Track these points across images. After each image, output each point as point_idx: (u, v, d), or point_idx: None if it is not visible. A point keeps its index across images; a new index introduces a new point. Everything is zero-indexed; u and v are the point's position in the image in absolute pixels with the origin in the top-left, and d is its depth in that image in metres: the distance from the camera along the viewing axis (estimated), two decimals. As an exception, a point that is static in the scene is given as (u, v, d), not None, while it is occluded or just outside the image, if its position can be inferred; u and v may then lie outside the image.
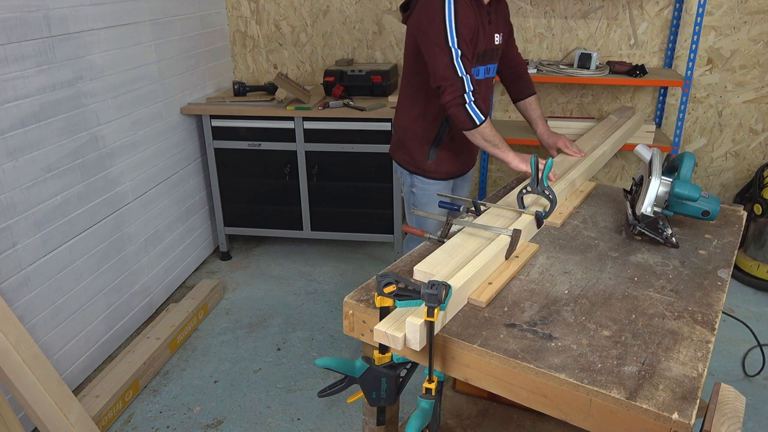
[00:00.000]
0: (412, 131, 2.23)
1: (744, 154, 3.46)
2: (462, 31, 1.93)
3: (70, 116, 2.35)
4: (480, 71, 2.13)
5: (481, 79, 2.13)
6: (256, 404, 2.41)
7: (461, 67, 1.93)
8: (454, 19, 1.92)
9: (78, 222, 2.43)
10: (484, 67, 2.15)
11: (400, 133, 2.29)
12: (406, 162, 2.30)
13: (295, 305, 3.11)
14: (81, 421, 1.99)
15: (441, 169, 2.27)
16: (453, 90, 1.94)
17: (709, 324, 1.28)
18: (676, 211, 1.69)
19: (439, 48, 1.93)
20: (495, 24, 2.13)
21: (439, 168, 2.26)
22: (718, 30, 3.22)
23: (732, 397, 1.27)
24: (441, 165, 2.26)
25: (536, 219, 1.67)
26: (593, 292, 1.40)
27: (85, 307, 2.49)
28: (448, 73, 1.93)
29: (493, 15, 2.11)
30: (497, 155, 2.06)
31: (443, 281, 1.14)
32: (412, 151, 2.26)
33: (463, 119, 1.98)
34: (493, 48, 2.15)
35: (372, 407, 1.43)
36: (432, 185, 2.28)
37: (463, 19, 1.93)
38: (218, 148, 3.31)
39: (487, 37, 2.09)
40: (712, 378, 2.52)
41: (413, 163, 2.27)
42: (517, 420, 1.82)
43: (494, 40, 2.14)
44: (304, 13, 3.62)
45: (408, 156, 2.28)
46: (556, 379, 1.11)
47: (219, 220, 3.50)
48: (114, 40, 2.60)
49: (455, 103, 1.95)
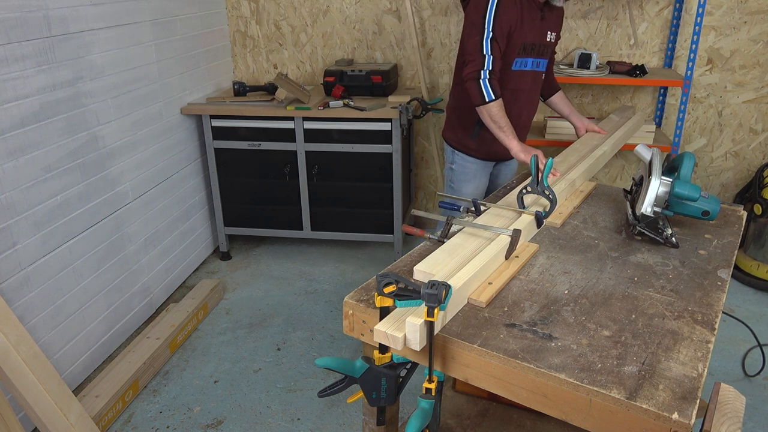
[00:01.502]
0: (460, 111, 2.40)
1: (744, 154, 3.46)
2: (500, 18, 2.12)
3: (70, 116, 2.35)
4: (528, 63, 2.28)
5: (528, 71, 2.30)
6: (256, 404, 2.41)
7: (488, 47, 2.12)
8: (496, 7, 2.12)
9: (78, 222, 2.43)
10: (533, 60, 2.30)
11: (450, 113, 2.50)
12: (451, 139, 2.49)
13: (295, 305, 3.11)
14: (81, 421, 1.99)
15: (482, 148, 2.41)
16: (474, 65, 2.13)
17: (709, 324, 1.28)
18: (676, 211, 1.69)
19: (475, 28, 2.14)
20: (548, 22, 2.28)
21: (481, 147, 2.41)
22: (718, 30, 3.22)
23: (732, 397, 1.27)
24: (483, 144, 2.39)
25: (536, 219, 1.67)
26: (593, 292, 1.40)
27: (85, 307, 2.49)
28: (474, 50, 2.14)
29: (548, 14, 2.27)
30: (501, 139, 2.18)
31: (443, 281, 1.14)
32: (457, 129, 2.45)
33: (475, 93, 2.15)
34: (545, 44, 2.31)
35: (372, 407, 1.42)
36: (471, 163, 2.47)
37: (505, 9, 2.12)
38: (218, 148, 3.31)
39: (536, 32, 2.25)
40: (712, 378, 2.52)
41: (457, 140, 2.46)
42: (517, 420, 1.82)
43: (546, 36, 2.30)
44: (304, 13, 3.62)
45: (453, 133, 2.47)
46: (556, 379, 1.11)
47: (219, 220, 3.50)
48: (114, 40, 2.60)
49: (471, 76, 2.14)
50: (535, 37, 2.25)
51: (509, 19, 2.15)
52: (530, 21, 2.21)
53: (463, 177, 2.49)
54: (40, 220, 2.23)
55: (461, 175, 2.49)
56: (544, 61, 2.36)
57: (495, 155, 2.45)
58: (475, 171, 2.49)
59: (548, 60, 2.40)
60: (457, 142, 2.46)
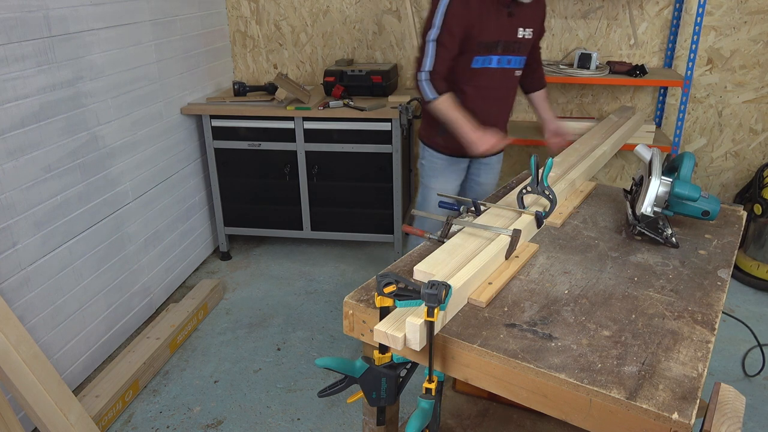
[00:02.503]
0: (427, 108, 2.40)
1: (744, 154, 3.46)
2: (453, 17, 2.15)
3: (70, 116, 2.35)
4: (492, 60, 2.27)
5: (495, 68, 2.29)
6: (256, 404, 2.41)
7: (431, 46, 2.18)
8: (448, 5, 2.14)
9: (78, 222, 2.43)
10: (500, 58, 2.28)
11: (422, 110, 2.51)
12: (422, 135, 2.51)
13: (295, 305, 3.11)
14: (81, 421, 1.99)
15: (449, 144, 2.39)
16: (417, 65, 2.23)
17: (709, 324, 1.28)
18: (676, 211, 1.69)
19: (426, 25, 2.21)
20: (520, 18, 2.25)
21: (447, 143, 2.40)
22: (718, 30, 3.22)
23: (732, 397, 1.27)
24: (450, 140, 2.36)
25: (536, 219, 1.67)
26: (593, 292, 1.40)
27: (85, 307, 2.49)
28: (420, 49, 2.23)
29: (518, 10, 2.24)
30: (457, 132, 2.24)
31: (443, 281, 1.14)
32: (427, 125, 2.46)
33: (420, 93, 2.25)
34: (517, 41, 2.28)
35: (372, 407, 1.43)
36: (439, 159, 2.47)
37: (459, 8, 2.14)
38: (218, 148, 3.31)
39: (502, 29, 2.23)
40: (712, 378, 2.52)
41: (427, 136, 2.48)
42: (517, 420, 1.82)
43: (517, 33, 2.27)
44: (304, 13, 3.62)
45: (424, 129, 2.50)
46: (556, 379, 1.11)
47: (219, 220, 3.50)
48: (114, 40, 2.60)
49: (414, 77, 2.25)
50: (501, 35, 2.23)
51: (464, 17, 2.15)
52: (493, 19, 2.19)
53: (432, 172, 2.51)
54: (40, 220, 2.23)
55: (430, 170, 2.51)
56: (517, 58, 2.33)
57: (462, 152, 2.40)
58: (444, 167, 2.49)
59: (525, 56, 2.37)
60: (427, 138, 2.48)
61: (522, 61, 2.36)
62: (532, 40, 2.36)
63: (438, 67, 2.21)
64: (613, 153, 2.77)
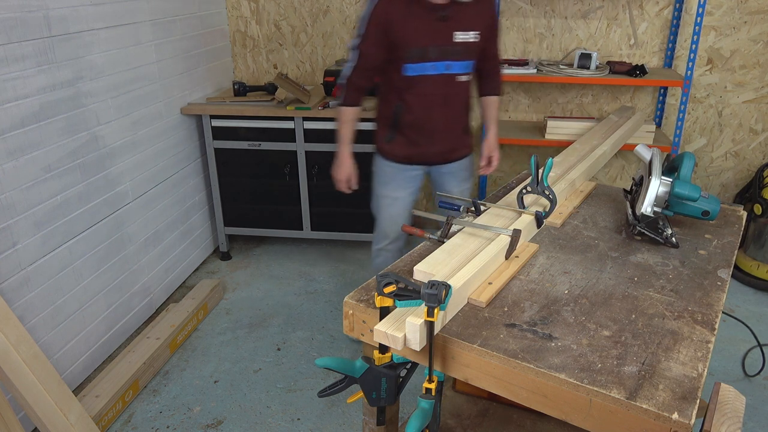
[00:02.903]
0: (378, 112, 2.42)
1: (744, 154, 3.47)
2: (371, 26, 2.16)
3: (70, 116, 2.35)
4: (426, 68, 2.20)
5: (433, 75, 2.22)
6: (256, 404, 2.41)
7: (354, 53, 2.23)
8: (370, 13, 2.15)
9: (78, 222, 2.43)
10: (436, 64, 2.20)
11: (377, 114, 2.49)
12: (374, 140, 2.48)
13: (295, 305, 3.11)
14: (81, 421, 1.99)
15: (394, 150, 2.39)
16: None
17: (709, 324, 1.28)
18: (676, 211, 1.69)
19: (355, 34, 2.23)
20: (458, 22, 2.16)
21: (392, 149, 2.39)
22: (718, 30, 3.22)
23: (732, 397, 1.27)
24: (395, 147, 2.38)
25: (536, 219, 1.67)
26: (593, 292, 1.40)
27: (85, 307, 2.49)
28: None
29: (453, 13, 2.15)
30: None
31: (443, 281, 1.14)
32: (377, 131, 2.44)
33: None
34: (456, 45, 2.19)
35: (372, 407, 1.43)
36: (387, 166, 2.43)
37: (381, 15, 2.14)
38: (218, 148, 3.31)
39: (434, 35, 2.16)
40: (712, 378, 2.52)
41: (376, 141, 2.45)
42: (517, 420, 1.82)
43: (452, 38, 2.17)
44: (304, 13, 3.62)
45: (375, 135, 2.46)
46: (556, 379, 1.11)
47: (219, 220, 3.50)
48: (114, 40, 2.60)
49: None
50: (432, 41, 2.15)
51: (386, 25, 2.13)
52: (421, 25, 2.13)
53: (381, 179, 2.46)
54: (40, 220, 2.23)
55: (379, 177, 2.47)
56: (459, 63, 2.23)
57: (409, 158, 2.39)
58: (392, 174, 2.42)
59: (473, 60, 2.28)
60: (377, 144, 2.44)
61: (467, 65, 2.27)
62: (480, 44, 2.24)
63: (354, 76, 2.25)
64: (613, 153, 2.77)
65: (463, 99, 2.34)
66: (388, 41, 2.16)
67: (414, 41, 2.15)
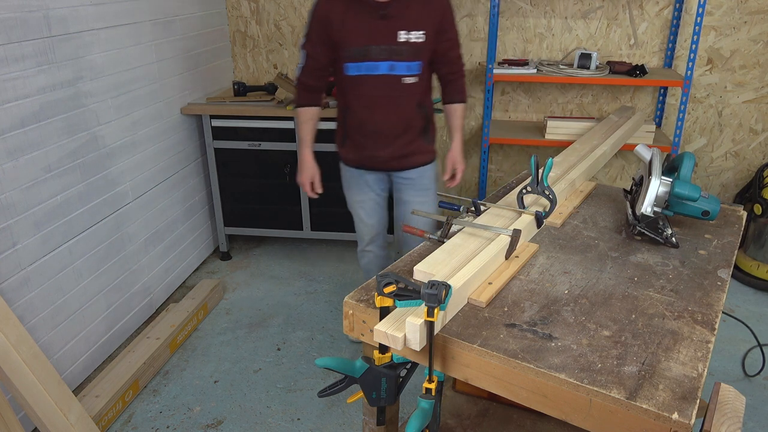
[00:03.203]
0: (337, 114, 2.37)
1: (744, 154, 3.47)
2: (313, 25, 2.16)
3: (70, 116, 2.35)
4: (365, 67, 2.13)
5: (376, 75, 2.14)
6: (256, 404, 2.41)
7: (301, 53, 2.22)
8: (312, 12, 2.16)
9: (78, 222, 2.43)
10: (376, 63, 2.12)
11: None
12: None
13: (295, 305, 3.11)
14: (81, 421, 1.99)
15: (347, 154, 2.37)
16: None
17: (709, 324, 1.28)
18: (676, 211, 1.69)
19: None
20: (402, 21, 2.08)
21: (346, 153, 2.37)
22: (718, 30, 3.22)
23: (732, 397, 1.27)
24: (347, 151, 2.36)
25: (536, 219, 1.67)
26: (593, 292, 1.40)
27: (85, 307, 2.49)
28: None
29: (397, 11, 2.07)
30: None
31: (443, 281, 1.14)
32: (336, 134, 2.40)
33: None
34: (397, 44, 2.10)
35: (372, 407, 1.43)
36: (346, 170, 2.41)
37: (318, 14, 2.13)
38: (218, 148, 3.31)
39: (375, 34, 2.09)
40: (712, 378, 2.52)
41: (336, 145, 2.41)
42: (517, 420, 1.82)
43: (396, 37, 2.09)
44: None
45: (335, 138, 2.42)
46: (556, 379, 1.11)
47: (219, 220, 3.50)
48: (114, 40, 2.59)
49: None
50: (375, 39, 2.08)
51: (326, 23, 2.11)
52: (361, 23, 2.08)
53: (343, 183, 2.44)
54: (40, 220, 2.23)
55: (343, 181, 2.44)
56: (404, 64, 2.12)
57: (359, 163, 2.33)
58: (350, 179, 2.39)
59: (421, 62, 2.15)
60: (337, 148, 2.40)
61: (414, 66, 2.14)
62: (427, 44, 2.13)
63: (303, 77, 2.23)
64: (613, 153, 2.77)
65: (413, 102, 2.21)
66: (330, 40, 2.13)
67: (353, 40, 2.10)
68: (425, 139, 2.31)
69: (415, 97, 2.21)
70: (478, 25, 3.43)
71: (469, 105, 3.64)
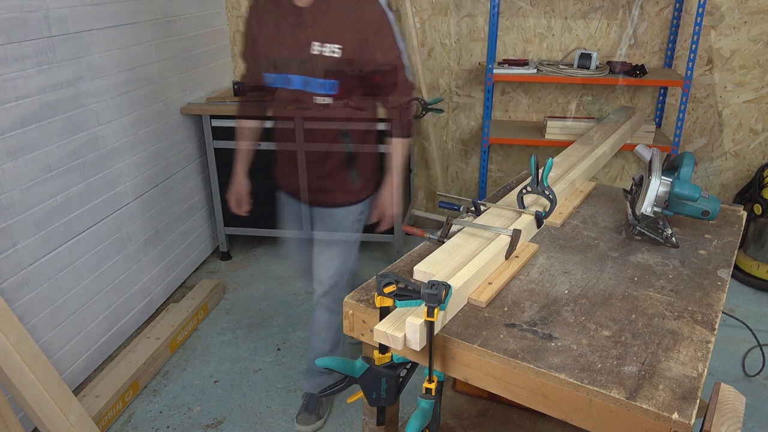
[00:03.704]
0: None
1: (744, 154, 3.46)
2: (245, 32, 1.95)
3: (70, 116, 2.35)
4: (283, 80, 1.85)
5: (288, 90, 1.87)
6: (256, 404, 2.41)
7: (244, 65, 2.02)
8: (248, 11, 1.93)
9: (78, 222, 2.43)
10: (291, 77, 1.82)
11: None
12: None
13: (295, 305, 3.10)
14: (81, 421, 1.99)
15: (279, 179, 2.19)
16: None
17: (709, 324, 1.28)
18: (676, 211, 1.69)
19: None
20: (318, 30, 1.75)
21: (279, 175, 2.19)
22: (718, 30, 3.22)
23: (732, 397, 1.27)
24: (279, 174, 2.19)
25: (536, 219, 1.67)
26: (593, 292, 1.40)
27: (85, 307, 2.49)
28: None
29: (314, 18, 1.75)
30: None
31: (443, 281, 1.14)
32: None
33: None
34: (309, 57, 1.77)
35: (372, 407, 1.42)
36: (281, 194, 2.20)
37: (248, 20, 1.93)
38: (218, 148, 3.31)
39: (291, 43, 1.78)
40: (712, 378, 2.52)
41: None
42: (517, 420, 1.82)
43: (309, 48, 1.76)
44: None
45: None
46: (556, 379, 1.11)
47: (219, 220, 3.49)
48: (114, 40, 2.59)
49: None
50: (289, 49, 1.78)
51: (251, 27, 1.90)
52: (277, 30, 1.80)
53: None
54: (40, 220, 2.23)
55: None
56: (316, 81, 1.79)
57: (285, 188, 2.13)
58: (282, 202, 2.20)
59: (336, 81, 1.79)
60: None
61: (329, 86, 1.80)
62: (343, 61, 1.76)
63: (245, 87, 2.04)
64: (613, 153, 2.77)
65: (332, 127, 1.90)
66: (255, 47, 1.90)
67: (266, 48, 1.83)
68: (350, 176, 1.99)
69: (335, 123, 1.90)
70: (478, 25, 3.43)
71: (469, 105, 3.64)
